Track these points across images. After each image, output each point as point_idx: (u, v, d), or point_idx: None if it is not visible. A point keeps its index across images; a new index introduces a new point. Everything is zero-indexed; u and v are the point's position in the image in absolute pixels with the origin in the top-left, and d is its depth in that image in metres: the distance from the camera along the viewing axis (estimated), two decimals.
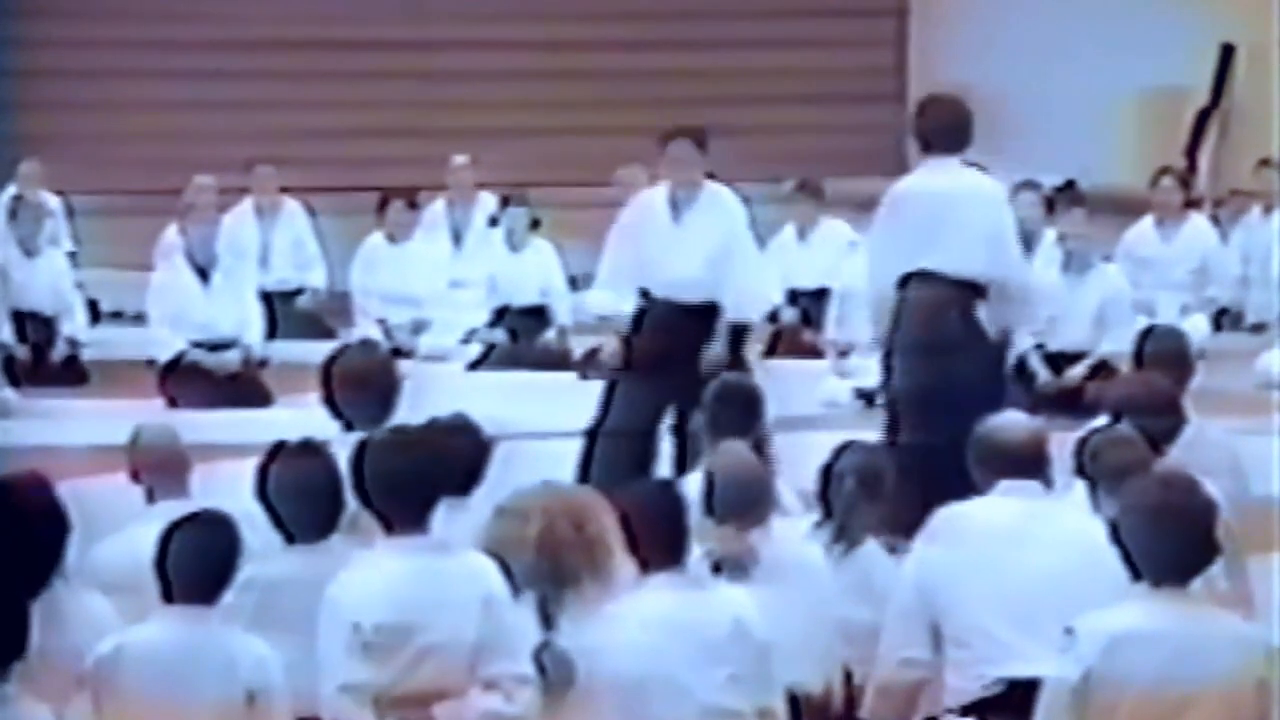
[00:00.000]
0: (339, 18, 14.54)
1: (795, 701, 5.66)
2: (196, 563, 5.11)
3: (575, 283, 12.46)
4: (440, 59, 14.62)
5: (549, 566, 5.19)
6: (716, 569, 5.68)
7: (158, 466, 6.00)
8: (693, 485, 6.06)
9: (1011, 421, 5.82)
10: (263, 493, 5.55)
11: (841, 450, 6.09)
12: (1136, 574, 4.96)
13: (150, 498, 5.99)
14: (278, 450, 5.61)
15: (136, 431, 6.18)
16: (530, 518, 5.23)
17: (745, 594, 5.44)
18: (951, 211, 7.78)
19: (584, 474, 8.00)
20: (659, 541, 5.30)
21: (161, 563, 5.13)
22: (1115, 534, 4.99)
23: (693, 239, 8.33)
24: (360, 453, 5.34)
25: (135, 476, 6.07)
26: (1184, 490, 5.06)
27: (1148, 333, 7.44)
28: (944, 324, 7.60)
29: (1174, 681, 4.89)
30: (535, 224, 12.05)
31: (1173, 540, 4.94)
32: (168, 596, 5.12)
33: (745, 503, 5.78)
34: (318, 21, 14.49)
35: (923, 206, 7.78)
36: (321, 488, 5.53)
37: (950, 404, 7.18)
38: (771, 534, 5.81)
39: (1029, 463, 5.64)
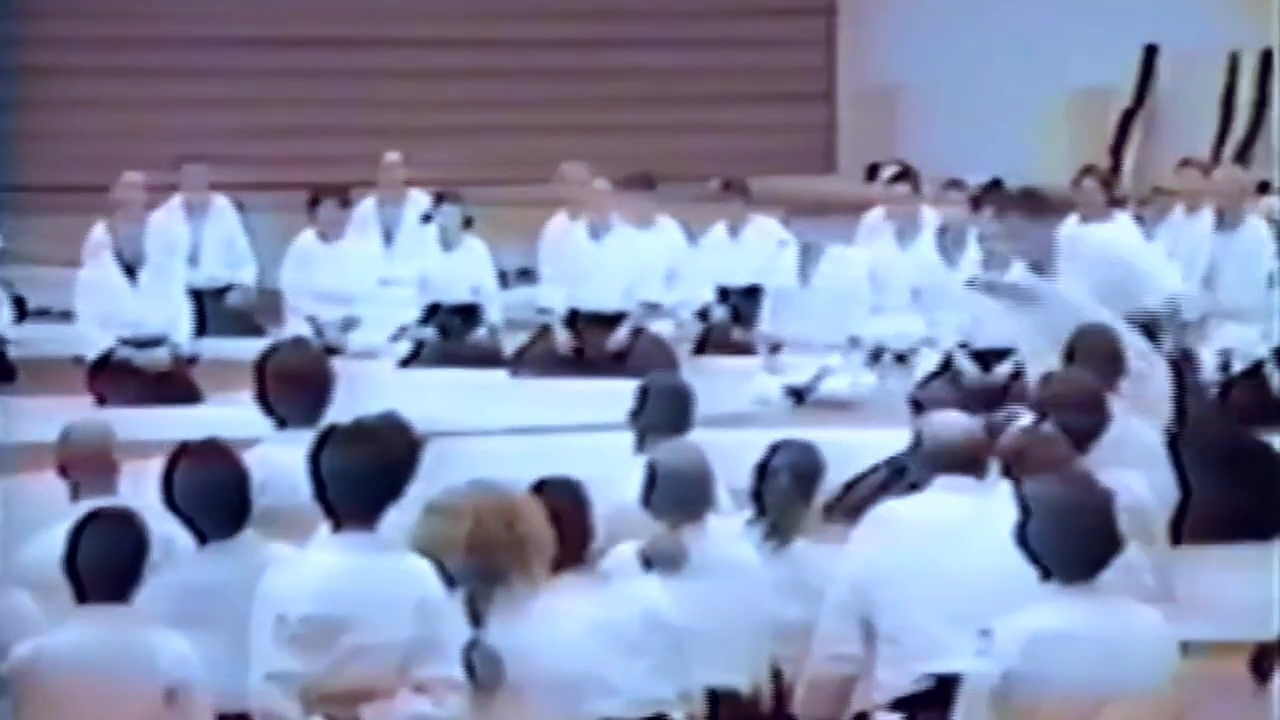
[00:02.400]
0: (270, 15, 14.50)
1: (725, 698, 5.71)
2: (106, 561, 5.10)
3: (506, 280, 12.49)
4: (373, 57, 14.60)
5: (479, 565, 5.21)
6: (648, 564, 5.71)
7: (85, 464, 5.99)
8: (632, 482, 6.09)
9: (950, 419, 5.86)
10: (169, 496, 5.55)
11: (776, 448, 6.13)
12: (1045, 573, 5.01)
13: (75, 495, 5.97)
14: (181, 453, 5.61)
15: (67, 428, 6.16)
16: (460, 516, 5.24)
17: (656, 585, 5.48)
18: None
19: None
20: (566, 541, 5.33)
21: (71, 563, 5.11)
22: (1021, 535, 5.04)
23: None
24: (318, 447, 5.34)
25: (64, 473, 6.05)
26: (1082, 487, 5.12)
27: (1076, 333, 7.50)
28: None
29: (1093, 680, 4.93)
30: (468, 222, 12.06)
31: (1075, 537, 4.99)
32: (81, 597, 5.10)
33: (685, 499, 5.81)
34: (248, 19, 14.45)
35: None
36: (227, 486, 5.53)
37: None
38: (705, 531, 5.85)
39: (966, 459, 5.69)
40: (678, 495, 5.81)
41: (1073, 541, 4.99)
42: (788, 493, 6.01)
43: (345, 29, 14.58)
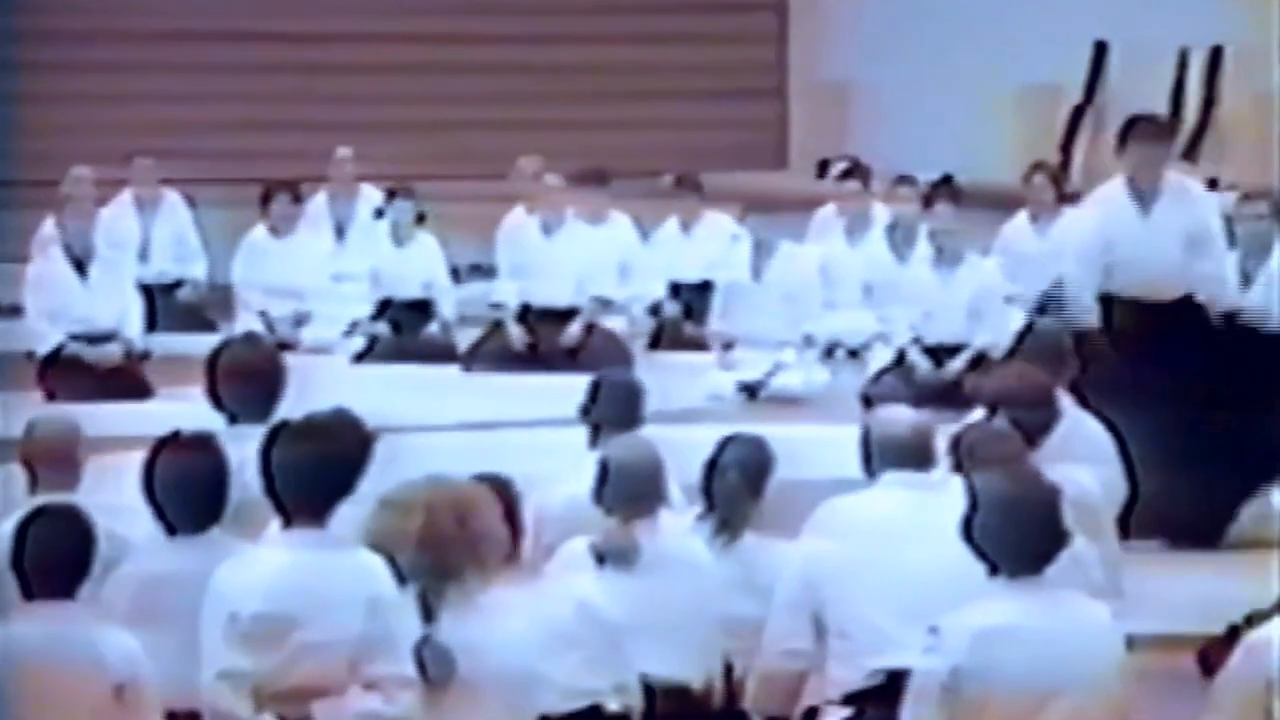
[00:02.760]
0: (221, 9, 14.46)
1: (675, 692, 5.73)
2: (51, 557, 5.07)
3: (459, 275, 12.48)
4: (324, 51, 14.58)
5: (431, 560, 5.20)
6: (600, 560, 5.73)
7: (48, 457, 5.96)
8: (582, 478, 6.10)
9: (896, 414, 5.89)
10: (149, 484, 5.53)
11: (725, 443, 6.15)
12: (993, 569, 5.03)
13: (34, 488, 5.95)
14: (166, 441, 5.59)
15: (33, 421, 6.13)
16: (412, 511, 5.24)
17: (591, 579, 5.49)
18: None
19: None
20: None
21: (17, 560, 5.08)
22: (967, 530, 5.07)
23: None
24: (269, 443, 5.34)
25: (27, 465, 6.02)
26: (1028, 482, 5.15)
27: (1027, 329, 7.55)
28: None
29: (1040, 675, 4.96)
30: (420, 218, 12.06)
31: (1021, 532, 5.01)
32: (27, 593, 5.07)
33: (635, 495, 5.83)
34: (200, 13, 14.41)
35: None
36: (208, 480, 5.52)
37: None
38: (657, 527, 5.86)
39: (914, 454, 5.72)
40: (629, 490, 5.82)
41: (1019, 536, 5.02)
42: (736, 488, 6.03)
43: (298, 25, 14.55)
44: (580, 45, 14.74)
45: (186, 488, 5.51)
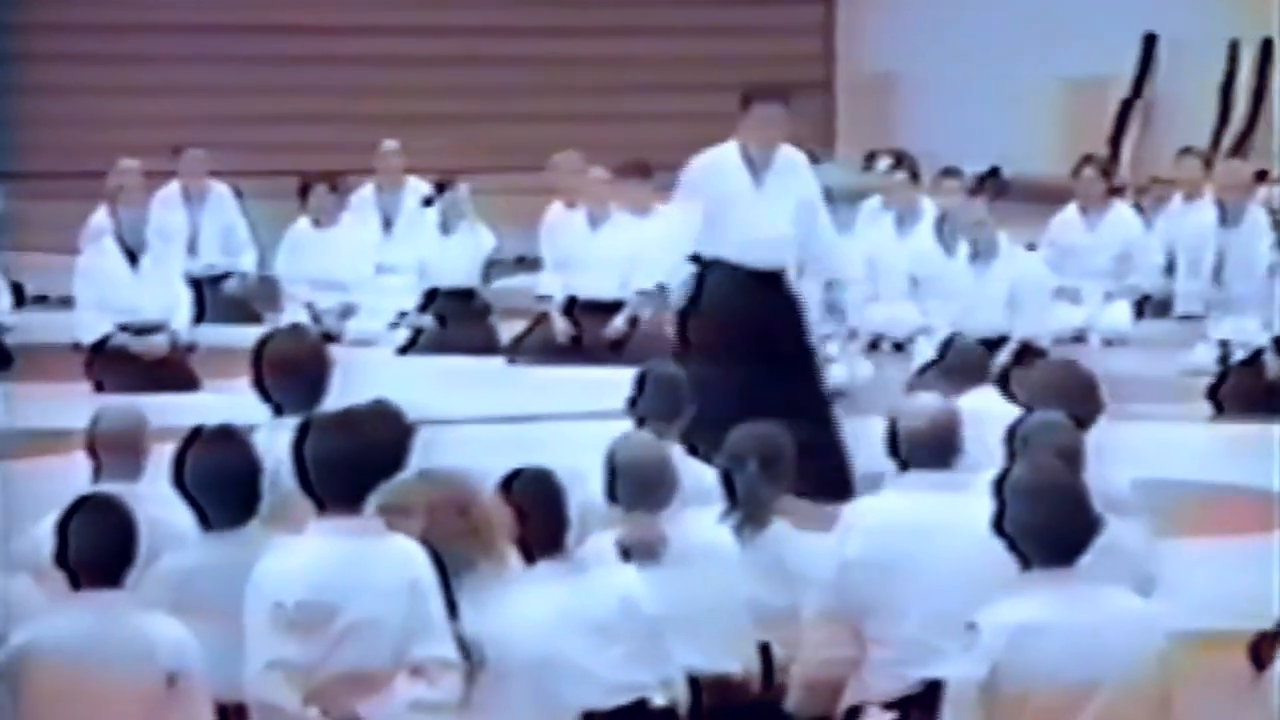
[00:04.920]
0: (268, 3, 14.50)
1: (716, 683, 5.72)
2: (95, 547, 5.08)
3: (503, 267, 12.47)
4: (369, 44, 14.60)
5: (441, 556, 5.21)
6: (626, 555, 5.72)
7: (113, 447, 5.98)
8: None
9: (922, 403, 5.86)
10: (179, 479, 5.55)
11: (742, 434, 6.12)
12: (1025, 562, 5.01)
13: (97, 477, 5.97)
14: (194, 436, 5.61)
15: (99, 411, 6.14)
16: (411, 511, 5.25)
17: (631, 573, 5.49)
18: None
19: None
20: (540, 530, 5.34)
21: (62, 551, 5.10)
22: (998, 526, 5.05)
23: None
24: (302, 434, 5.35)
25: (92, 454, 6.02)
26: (1054, 472, 5.12)
27: (948, 342, 7.48)
28: None
29: (1078, 669, 4.93)
30: (460, 209, 12.08)
31: (1052, 522, 4.99)
32: (75, 584, 5.09)
33: (648, 489, 5.80)
34: (246, 6, 14.45)
35: None
36: (239, 474, 5.52)
37: None
38: (679, 519, 5.85)
39: (939, 445, 5.68)
40: (641, 486, 5.80)
41: (1050, 526, 4.99)
42: (756, 478, 6.00)
43: (344, 17, 14.58)
44: (625, 38, 14.73)
45: (217, 483, 5.52)
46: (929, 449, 5.66)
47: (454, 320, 11.92)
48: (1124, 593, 5.13)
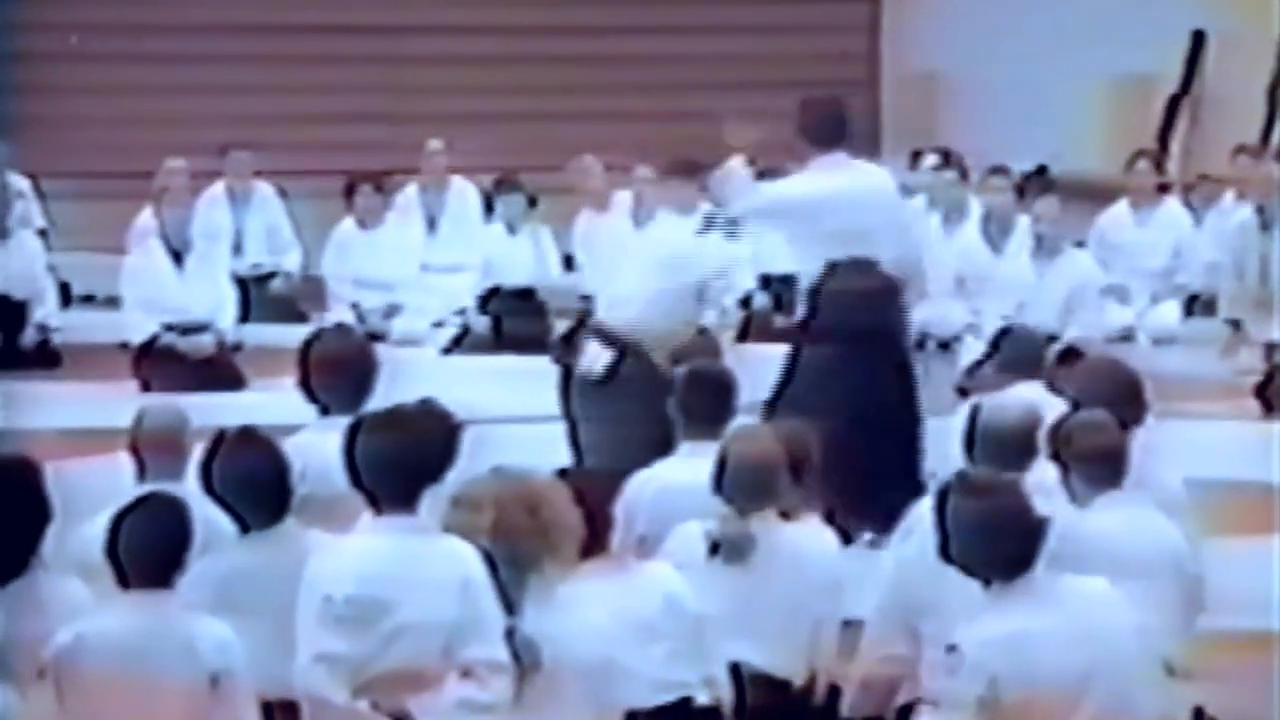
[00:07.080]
0: (314, 2, 14.53)
1: (769, 684, 5.70)
2: (147, 547, 5.10)
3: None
4: (414, 43, 14.61)
5: (506, 553, 5.23)
6: (714, 549, 5.71)
7: (156, 447, 6.00)
8: (673, 469, 6.07)
9: (1008, 401, 5.85)
10: (208, 485, 5.56)
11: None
12: (985, 581, 5.03)
13: (141, 477, 5.99)
14: (219, 442, 5.62)
15: (142, 410, 6.17)
16: (482, 506, 5.25)
17: (671, 570, 5.48)
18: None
19: None
20: (587, 529, 5.34)
21: (113, 549, 5.11)
22: (945, 554, 5.03)
23: None
24: (353, 434, 5.36)
25: (135, 454, 6.05)
26: (986, 491, 5.09)
27: (1003, 333, 7.48)
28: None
29: (1076, 662, 4.95)
30: (533, 202, 12.14)
31: (997, 540, 5.01)
32: (123, 583, 5.10)
33: (753, 488, 5.80)
34: (291, 6, 14.47)
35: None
36: (267, 475, 5.54)
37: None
38: (773, 521, 5.83)
39: (1018, 445, 5.66)
40: (747, 483, 5.80)
41: (995, 546, 5.02)
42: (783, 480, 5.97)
43: (388, 16, 14.60)
44: (670, 36, 14.71)
45: (246, 486, 5.55)
46: (1011, 443, 5.65)
47: (510, 319, 11.93)
48: (1092, 580, 5.11)
